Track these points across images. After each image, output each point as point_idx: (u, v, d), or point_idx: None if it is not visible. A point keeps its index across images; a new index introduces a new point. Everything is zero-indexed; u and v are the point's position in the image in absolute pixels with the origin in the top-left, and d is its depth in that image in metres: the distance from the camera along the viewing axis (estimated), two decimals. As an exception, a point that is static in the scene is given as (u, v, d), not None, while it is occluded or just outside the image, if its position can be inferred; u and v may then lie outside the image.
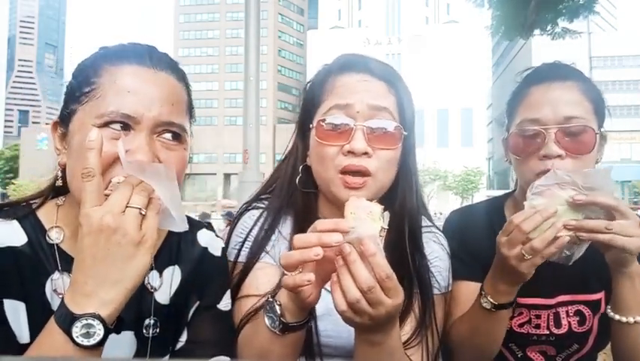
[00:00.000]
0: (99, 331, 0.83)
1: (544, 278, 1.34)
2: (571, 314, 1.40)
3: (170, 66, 1.07)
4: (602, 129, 1.36)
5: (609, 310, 1.26)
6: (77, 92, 1.02)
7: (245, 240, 1.30)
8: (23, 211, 1.05)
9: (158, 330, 1.09)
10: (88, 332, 0.83)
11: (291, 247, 1.16)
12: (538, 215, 1.12)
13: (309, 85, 1.36)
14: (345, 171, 1.21)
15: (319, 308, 1.22)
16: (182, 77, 1.09)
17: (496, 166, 78.43)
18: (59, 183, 1.05)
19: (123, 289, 0.86)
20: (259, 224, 1.31)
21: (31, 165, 69.97)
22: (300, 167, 1.33)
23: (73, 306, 0.84)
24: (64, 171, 1.04)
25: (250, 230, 1.31)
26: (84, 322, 0.83)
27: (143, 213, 0.88)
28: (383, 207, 0.98)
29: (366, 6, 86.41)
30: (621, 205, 1.14)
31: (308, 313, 1.04)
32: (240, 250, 1.29)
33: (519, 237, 1.13)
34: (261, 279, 1.22)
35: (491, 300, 1.23)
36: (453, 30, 76.92)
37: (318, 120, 1.25)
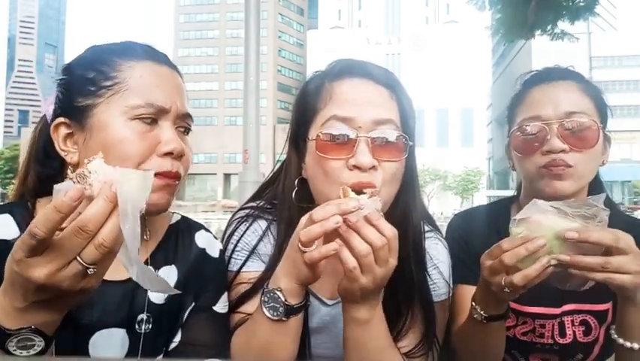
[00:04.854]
0: (39, 342, 0.75)
1: (551, 287, 1.28)
2: (576, 324, 1.35)
3: (174, 66, 1.13)
4: (605, 129, 1.33)
5: (612, 332, 1.18)
6: (92, 87, 1.01)
7: (251, 253, 1.25)
8: (18, 207, 1.05)
9: (150, 326, 1.07)
10: (25, 344, 0.75)
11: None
12: (523, 248, 1.03)
13: (301, 93, 1.28)
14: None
15: (316, 322, 1.23)
16: (181, 76, 1.15)
17: (496, 166, 78.37)
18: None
19: (64, 310, 0.79)
20: (269, 241, 1.26)
21: (31, 165, 69.49)
22: (296, 180, 1.24)
23: (4, 320, 0.74)
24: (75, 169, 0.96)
25: (256, 245, 1.25)
26: (20, 337, 0.74)
27: (91, 272, 0.74)
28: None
29: (366, 6, 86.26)
30: (619, 240, 1.03)
31: (305, 294, 1.07)
32: (244, 263, 1.24)
33: (501, 267, 1.07)
34: None
35: (481, 312, 1.19)
36: (453, 30, 76.80)
37: (316, 132, 1.16)
